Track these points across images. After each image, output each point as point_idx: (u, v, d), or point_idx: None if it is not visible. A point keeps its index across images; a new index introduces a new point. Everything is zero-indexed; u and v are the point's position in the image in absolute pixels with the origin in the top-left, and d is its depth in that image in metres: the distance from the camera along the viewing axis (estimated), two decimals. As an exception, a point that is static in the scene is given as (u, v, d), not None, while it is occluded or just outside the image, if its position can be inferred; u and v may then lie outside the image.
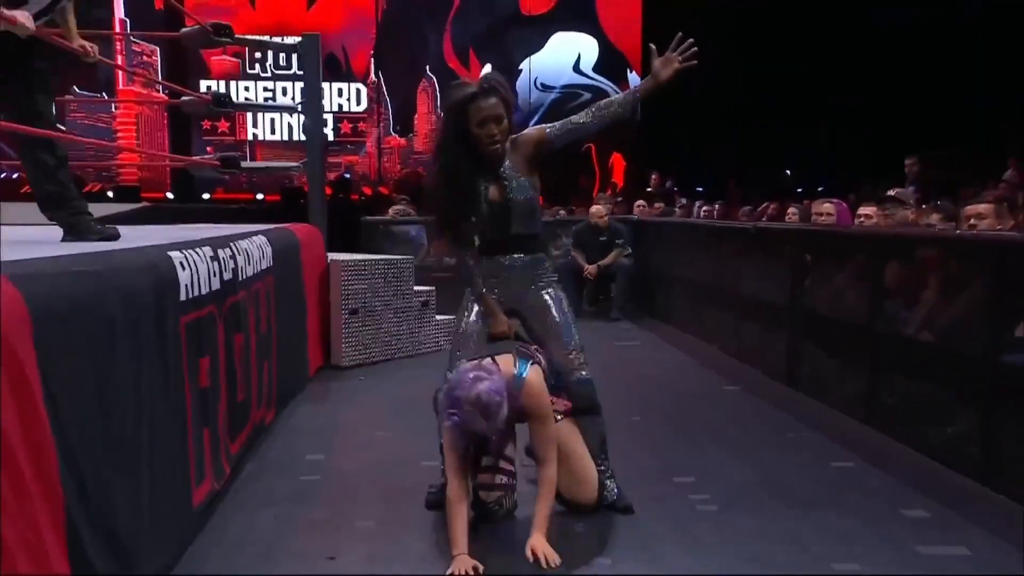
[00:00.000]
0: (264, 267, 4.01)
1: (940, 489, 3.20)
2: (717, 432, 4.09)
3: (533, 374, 2.71)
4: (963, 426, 3.53)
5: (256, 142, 17.41)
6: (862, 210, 5.12)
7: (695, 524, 2.92)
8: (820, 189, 15.58)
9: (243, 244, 3.67)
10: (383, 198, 14.22)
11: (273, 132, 17.58)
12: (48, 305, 1.83)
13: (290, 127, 17.55)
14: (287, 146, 17.43)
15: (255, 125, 17.41)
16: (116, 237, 3.48)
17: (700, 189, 14.89)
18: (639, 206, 9.24)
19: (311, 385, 5.14)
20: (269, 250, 4.16)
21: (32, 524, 1.71)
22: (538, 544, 2.59)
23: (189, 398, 2.77)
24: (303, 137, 18.36)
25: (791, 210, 6.79)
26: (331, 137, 17.44)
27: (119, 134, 16.90)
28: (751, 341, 5.66)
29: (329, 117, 17.39)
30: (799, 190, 15.89)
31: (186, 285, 2.76)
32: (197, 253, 2.97)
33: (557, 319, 3.04)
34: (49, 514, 1.78)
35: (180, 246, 2.88)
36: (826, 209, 5.60)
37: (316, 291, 5.48)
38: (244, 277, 3.57)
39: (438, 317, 6.21)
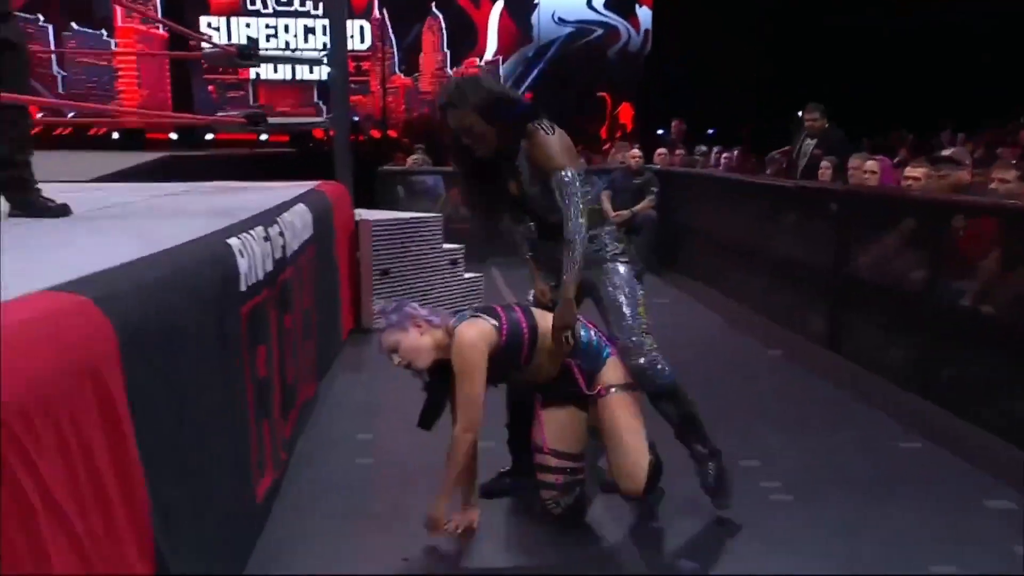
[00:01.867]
0: (306, 238, 3.82)
1: (1019, 474, 3.08)
2: (770, 407, 3.97)
3: (464, 328, 2.56)
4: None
5: (259, 82, 17.02)
6: (910, 171, 4.92)
7: (775, 519, 2.80)
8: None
9: (288, 217, 3.48)
10: (392, 142, 13.96)
11: (276, 71, 17.17)
12: (132, 326, 1.65)
13: (292, 67, 17.14)
14: (290, 86, 17.05)
15: (258, 64, 16.97)
16: (67, 212, 3.24)
17: (711, 132, 14.66)
18: (660, 154, 9.01)
19: (345, 351, 4.99)
20: (309, 218, 3.97)
21: (120, 553, 1.56)
22: (430, 510, 2.57)
23: (250, 391, 2.62)
24: (308, 76, 18.61)
25: (824, 164, 6.56)
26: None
27: (120, 72, 16.51)
28: (788, 303, 5.51)
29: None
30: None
31: (245, 273, 2.58)
32: (252, 236, 2.78)
33: (614, 299, 2.77)
34: (136, 538, 1.63)
35: (236, 230, 2.69)
36: (869, 167, 5.40)
37: (346, 252, 5.30)
38: (291, 252, 3.39)
39: (466, 275, 6.05)
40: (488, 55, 17.49)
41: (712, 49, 14.56)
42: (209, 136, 16.11)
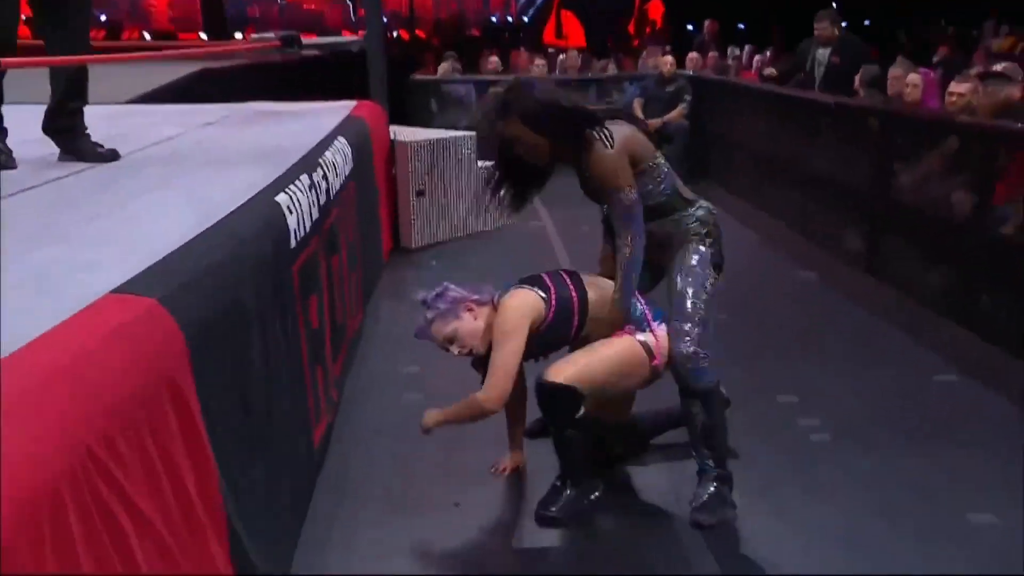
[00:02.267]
0: (347, 173, 3.80)
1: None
2: (805, 336, 3.97)
3: (509, 296, 2.50)
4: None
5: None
6: (956, 87, 4.74)
7: (813, 462, 2.83)
8: (867, 23, 14.81)
9: (329, 156, 3.45)
10: (421, 43, 13.64)
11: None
12: (198, 322, 1.67)
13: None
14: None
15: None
16: (116, 157, 3.24)
17: (742, 26, 14.18)
18: (692, 59, 8.76)
19: (386, 273, 5.02)
20: (349, 152, 3.93)
21: (204, 550, 1.63)
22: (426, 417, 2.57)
23: (304, 345, 2.65)
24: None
25: (858, 80, 6.30)
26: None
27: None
28: (824, 223, 5.44)
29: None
30: (844, 24, 15.11)
31: (294, 230, 2.58)
32: (298, 187, 2.76)
33: (681, 283, 2.54)
34: (215, 532, 1.70)
35: (283, 183, 2.68)
36: (912, 80, 5.23)
37: (384, 174, 5.28)
38: (334, 194, 3.37)
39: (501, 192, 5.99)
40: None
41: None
42: (238, 36, 15.89)
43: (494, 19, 15.97)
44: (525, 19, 15.71)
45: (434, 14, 15.89)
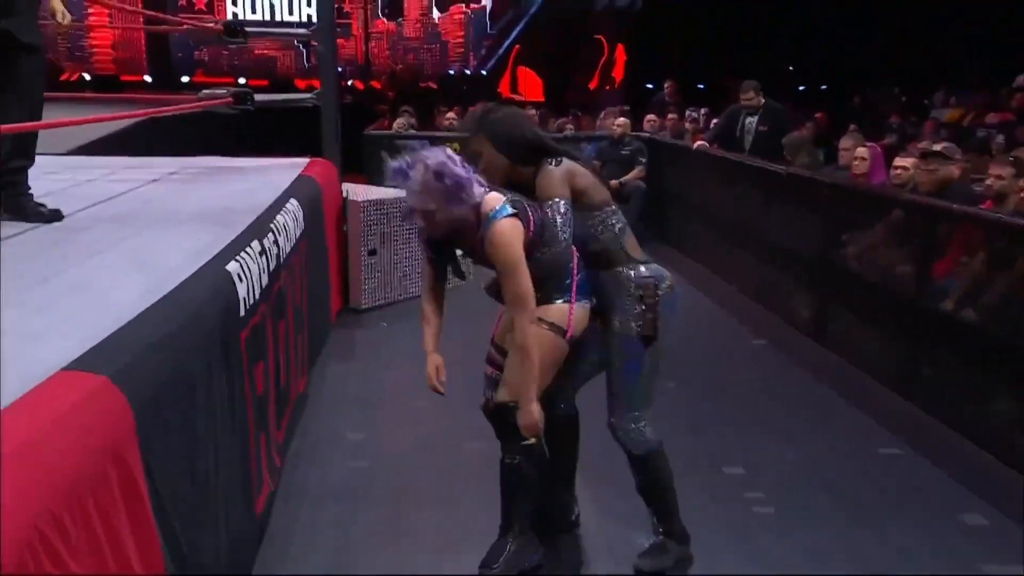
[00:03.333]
0: (298, 235, 3.88)
1: (994, 488, 3.23)
2: (754, 403, 4.11)
3: (504, 223, 2.48)
4: (1009, 413, 3.56)
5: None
6: (900, 160, 5.00)
7: (755, 532, 2.94)
8: (823, 88, 15.37)
9: (280, 220, 3.53)
10: (376, 94, 13.83)
11: (254, 11, 16.89)
12: (148, 398, 1.74)
13: (272, 6, 16.87)
14: (269, 27, 16.79)
15: (235, 3, 16.67)
16: (59, 218, 3.27)
17: (701, 87, 14.58)
18: (649, 120, 9.03)
19: (335, 334, 5.07)
20: (301, 214, 4.02)
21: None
22: (521, 410, 2.53)
23: (250, 412, 2.71)
24: (289, 18, 18.35)
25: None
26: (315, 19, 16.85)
27: (90, 11, 16.18)
28: (775, 287, 5.64)
29: (313, -6, 16.73)
30: (800, 88, 15.63)
31: (243, 298, 2.66)
32: (248, 254, 2.85)
33: (623, 379, 2.69)
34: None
35: (233, 251, 2.76)
36: (860, 154, 5.48)
37: (335, 233, 5.35)
38: (284, 257, 3.45)
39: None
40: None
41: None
42: (185, 79, 15.93)
43: (452, 72, 16.20)
44: (483, 72, 16.02)
45: (391, 64, 16.07)
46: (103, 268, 2.57)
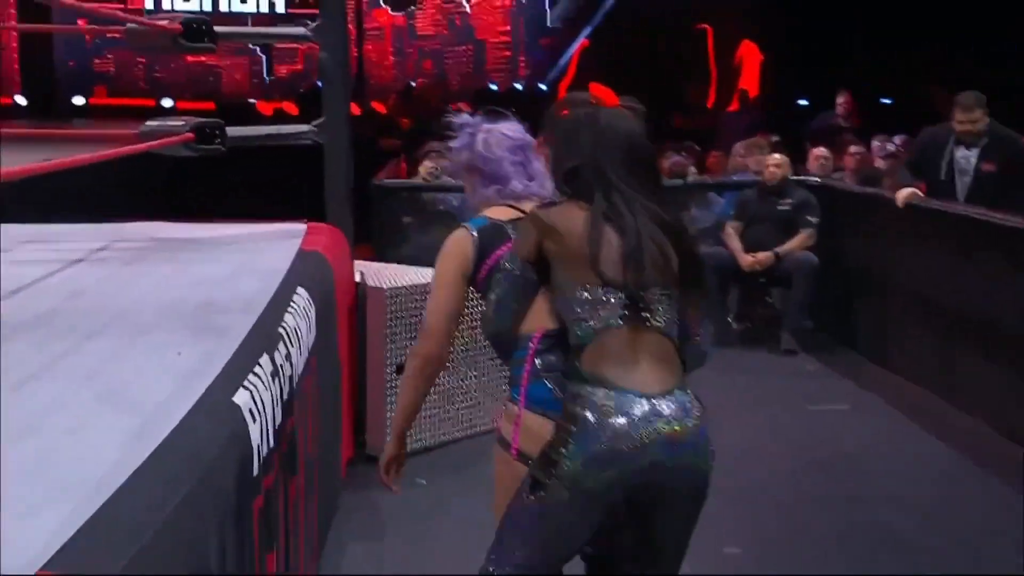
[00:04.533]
0: (310, 344, 3.90)
1: None
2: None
3: (457, 234, 3.28)
4: None
5: (158, 12, 17.15)
6: None
7: None
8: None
9: (291, 322, 3.56)
10: (379, 121, 14.02)
11: (187, 1, 17.30)
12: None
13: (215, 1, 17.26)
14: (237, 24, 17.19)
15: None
16: None
17: (887, 101, 14.59)
18: (818, 157, 9.05)
19: (347, 499, 5.05)
20: (313, 312, 4.05)
21: None
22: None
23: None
24: (240, 8, 18.60)
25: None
26: (281, 7, 17.21)
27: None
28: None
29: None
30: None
31: (257, 445, 2.66)
32: (260, 376, 2.86)
33: None
34: None
35: (238, 373, 2.77)
36: None
37: (347, 336, 5.38)
38: (297, 380, 3.47)
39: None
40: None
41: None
42: (79, 101, 16.27)
43: (493, 86, 16.40)
44: (542, 86, 16.16)
45: (397, 78, 16.33)
46: (54, 404, 2.57)
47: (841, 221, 8.15)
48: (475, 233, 3.18)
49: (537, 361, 2.97)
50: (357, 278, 5.72)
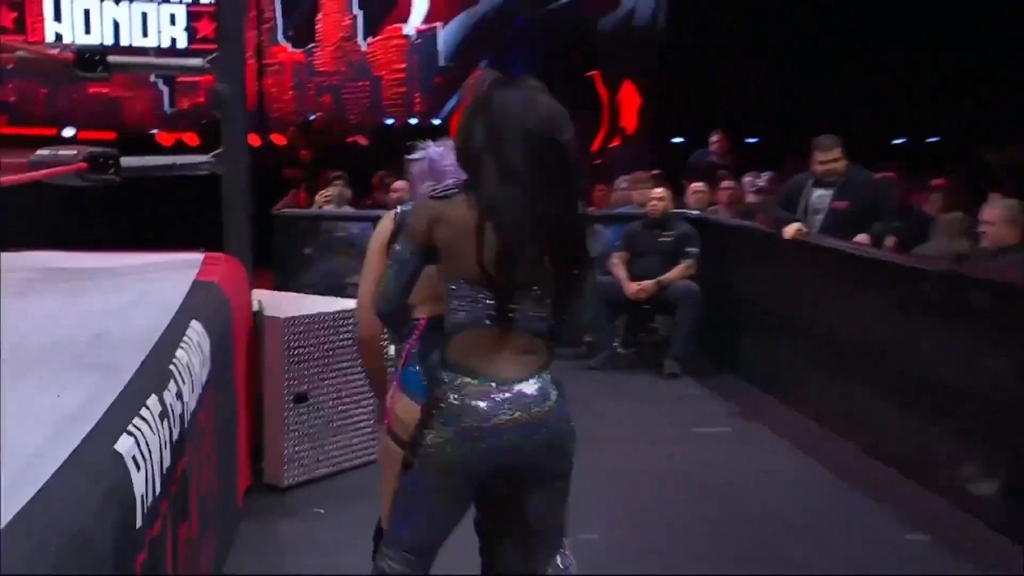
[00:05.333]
0: (204, 379, 3.58)
1: None
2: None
3: (386, 216, 3.51)
4: None
5: (59, 44, 16.61)
6: None
7: None
8: (933, 141, 15.45)
9: (183, 357, 3.24)
10: (278, 153, 13.73)
11: (88, 32, 16.77)
12: None
13: (115, 24, 16.78)
14: (138, 56, 16.71)
15: (58, 18, 16.52)
16: None
17: (753, 141, 14.60)
18: (696, 191, 9.00)
19: (245, 529, 4.75)
20: (208, 344, 3.73)
21: None
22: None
23: None
24: (140, 42, 18.19)
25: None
26: (183, 42, 16.86)
27: None
28: (934, 448, 5.41)
29: (179, 11, 16.81)
30: (897, 142, 15.63)
31: (142, 496, 2.34)
32: (146, 419, 2.55)
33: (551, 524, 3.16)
34: None
35: (122, 417, 2.44)
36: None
37: (244, 366, 5.07)
38: (189, 419, 3.14)
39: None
40: (416, 19, 17.39)
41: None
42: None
43: (389, 121, 16.18)
44: (435, 122, 15.96)
45: (297, 111, 16.01)
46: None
47: (719, 251, 8.12)
48: (398, 210, 3.32)
49: (416, 347, 3.14)
50: (255, 307, 5.42)
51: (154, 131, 15.81)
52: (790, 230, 6.94)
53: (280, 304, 5.62)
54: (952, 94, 14.01)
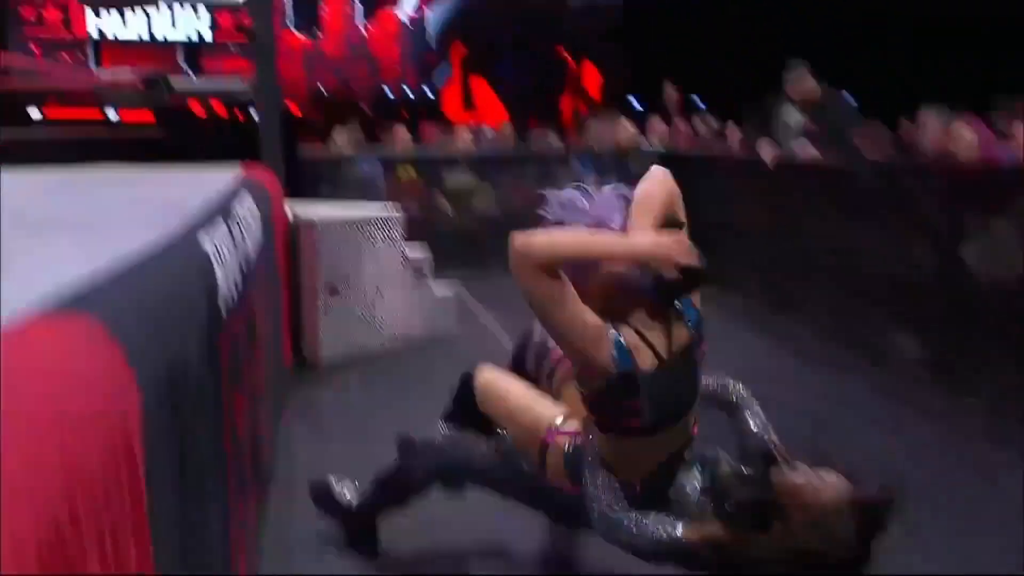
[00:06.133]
0: (259, 241, 3.62)
1: None
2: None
3: None
4: None
5: (103, 42, 16.57)
6: None
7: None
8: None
9: (240, 210, 3.30)
10: (295, 121, 13.71)
11: (125, 25, 16.71)
12: (147, 360, 1.48)
13: (148, 19, 16.74)
14: (145, 47, 16.64)
15: (99, 15, 16.47)
16: None
17: (702, 107, 14.57)
18: (658, 130, 9.04)
19: (290, 405, 4.72)
20: (258, 213, 3.77)
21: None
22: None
23: (230, 457, 2.44)
24: (171, 34, 18.08)
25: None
26: (208, 36, 16.88)
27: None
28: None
29: (202, 8, 16.82)
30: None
31: (223, 288, 2.41)
32: (219, 235, 2.62)
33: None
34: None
35: (202, 225, 2.51)
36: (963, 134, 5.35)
37: (284, 263, 5.10)
38: (251, 264, 3.18)
39: (437, 292, 5.94)
40: (409, 5, 17.38)
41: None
42: (36, 115, 15.52)
43: (388, 92, 16.20)
44: (429, 92, 15.99)
45: (309, 85, 16.01)
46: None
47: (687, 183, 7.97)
48: None
49: None
50: (294, 217, 5.44)
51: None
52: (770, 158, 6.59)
53: (314, 212, 5.60)
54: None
